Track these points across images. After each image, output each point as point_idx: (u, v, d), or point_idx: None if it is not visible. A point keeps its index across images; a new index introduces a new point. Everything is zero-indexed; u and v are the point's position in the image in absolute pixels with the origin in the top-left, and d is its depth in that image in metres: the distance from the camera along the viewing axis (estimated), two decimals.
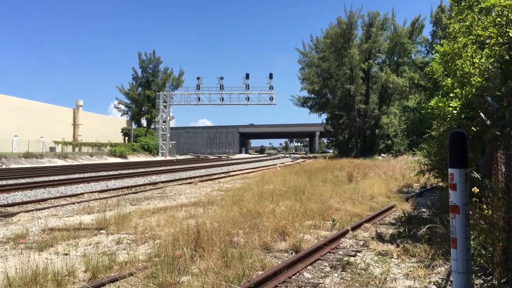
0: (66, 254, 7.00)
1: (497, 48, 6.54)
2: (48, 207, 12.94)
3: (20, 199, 14.61)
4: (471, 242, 4.65)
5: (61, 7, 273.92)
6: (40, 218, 10.99)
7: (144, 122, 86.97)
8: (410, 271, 6.12)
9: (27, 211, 12.09)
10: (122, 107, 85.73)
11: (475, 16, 7.33)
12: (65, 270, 5.82)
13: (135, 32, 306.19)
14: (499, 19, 6.61)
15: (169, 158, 71.32)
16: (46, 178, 23.82)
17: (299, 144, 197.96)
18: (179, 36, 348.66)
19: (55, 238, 8.04)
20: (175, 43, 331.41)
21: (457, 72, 7.50)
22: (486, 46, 7.06)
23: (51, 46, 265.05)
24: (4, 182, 21.10)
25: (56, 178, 24.07)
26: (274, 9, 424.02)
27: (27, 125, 60.80)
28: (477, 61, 7.07)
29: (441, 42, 10.25)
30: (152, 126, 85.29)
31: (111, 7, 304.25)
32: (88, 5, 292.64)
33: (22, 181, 22.16)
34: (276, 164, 39.88)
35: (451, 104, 7.35)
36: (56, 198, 14.99)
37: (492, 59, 6.76)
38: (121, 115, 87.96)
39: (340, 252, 7.34)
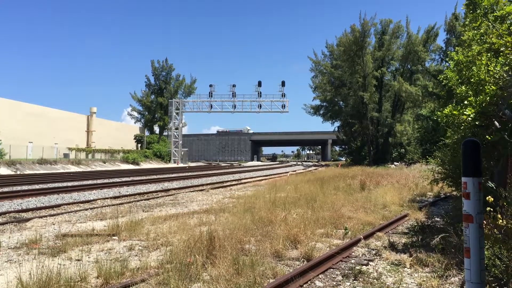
0: (78, 260, 7.05)
1: (511, 57, 6.49)
2: (62, 213, 13.05)
3: (34, 205, 14.76)
4: (485, 252, 4.60)
5: (75, 15, 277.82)
6: (54, 224, 11.09)
7: (156, 129, 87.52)
8: (423, 281, 6.05)
9: (41, 217, 12.20)
10: (135, 114, 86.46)
11: (490, 24, 7.29)
12: (77, 276, 5.85)
13: (149, 40, 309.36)
14: None
15: (181, 165, 71.61)
16: (60, 184, 24.05)
17: (311, 152, 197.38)
18: (192, 44, 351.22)
19: (68, 243, 8.10)
20: (188, 51, 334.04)
21: (472, 78, 7.44)
22: (501, 54, 7.01)
23: (65, 53, 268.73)
24: (18, 188, 21.36)
25: (69, 184, 24.29)
26: (286, 17, 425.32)
27: (41, 132, 61.56)
28: (492, 69, 7.02)
29: (456, 50, 10.18)
30: (165, 133, 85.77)
31: (125, 16, 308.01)
32: (102, 13, 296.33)
33: (36, 187, 22.40)
34: (288, 172, 39.81)
35: (465, 112, 7.29)
36: (69, 204, 15.11)
37: (507, 67, 6.71)
38: (134, 122, 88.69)
39: (352, 261, 7.29)
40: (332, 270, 6.76)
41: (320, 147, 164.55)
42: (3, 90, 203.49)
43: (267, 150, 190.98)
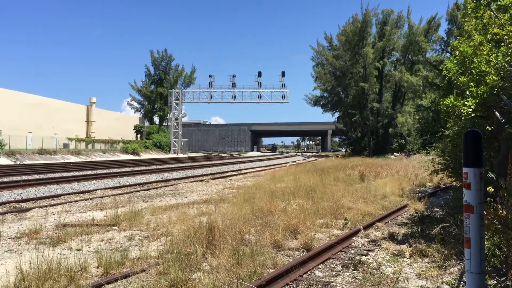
0: (79, 250, 7.06)
1: None
2: (62, 203, 13.07)
3: (34, 195, 14.77)
4: (485, 242, 4.60)
5: (75, 6, 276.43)
6: (54, 214, 11.10)
7: (156, 119, 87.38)
8: (423, 271, 6.07)
9: (41, 207, 12.21)
10: (135, 104, 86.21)
11: (492, 14, 7.23)
12: (78, 266, 5.87)
13: (148, 30, 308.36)
14: None
15: (181, 155, 71.65)
16: (60, 175, 24.07)
17: (311, 142, 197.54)
18: (192, 34, 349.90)
19: (68, 233, 8.11)
20: (187, 41, 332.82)
21: (473, 70, 7.40)
22: (502, 44, 6.97)
23: (65, 44, 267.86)
24: (18, 178, 21.36)
25: (69, 174, 24.31)
26: (287, 7, 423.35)
27: (41, 122, 61.46)
28: (493, 59, 6.97)
29: (457, 40, 10.11)
30: (165, 124, 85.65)
31: (125, 6, 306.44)
32: (102, 4, 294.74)
33: (36, 177, 22.39)
34: (287, 163, 39.83)
35: (466, 103, 7.27)
36: (69, 194, 15.12)
37: (508, 58, 6.67)
38: (134, 112, 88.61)
39: (352, 251, 7.30)
40: (331, 260, 6.77)
41: (320, 137, 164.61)
42: (2, 80, 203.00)
43: (267, 141, 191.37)
